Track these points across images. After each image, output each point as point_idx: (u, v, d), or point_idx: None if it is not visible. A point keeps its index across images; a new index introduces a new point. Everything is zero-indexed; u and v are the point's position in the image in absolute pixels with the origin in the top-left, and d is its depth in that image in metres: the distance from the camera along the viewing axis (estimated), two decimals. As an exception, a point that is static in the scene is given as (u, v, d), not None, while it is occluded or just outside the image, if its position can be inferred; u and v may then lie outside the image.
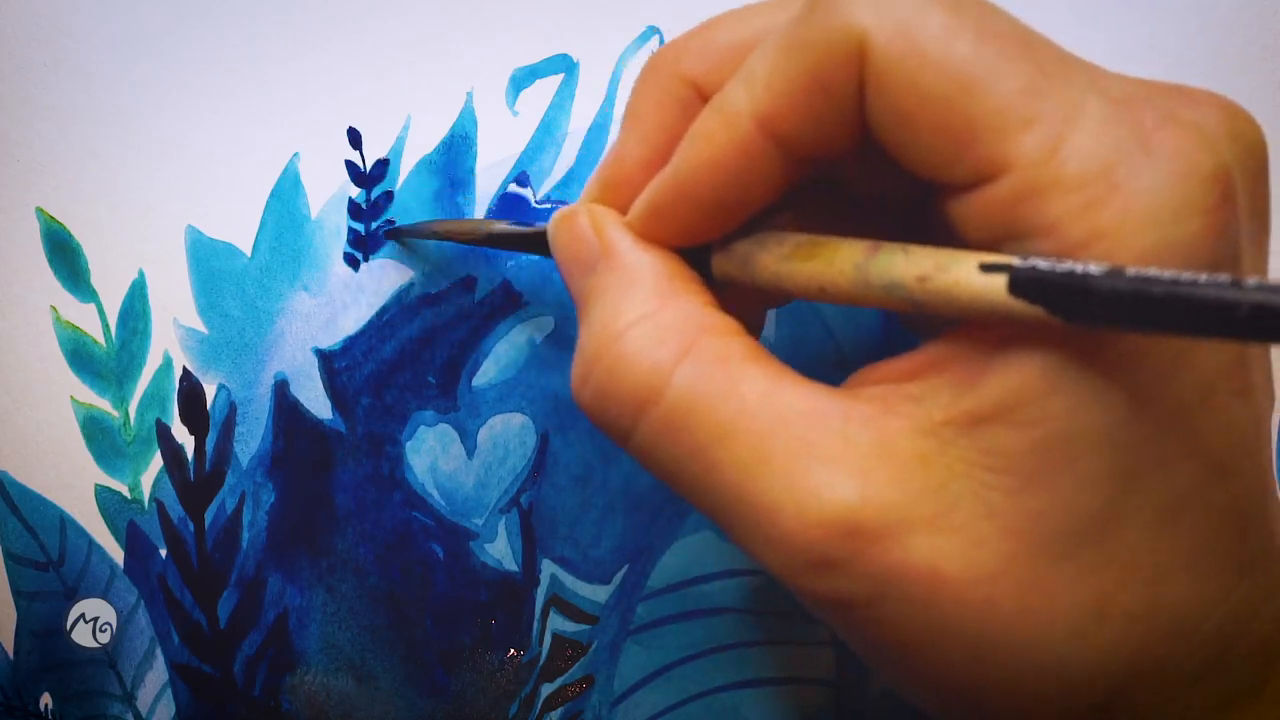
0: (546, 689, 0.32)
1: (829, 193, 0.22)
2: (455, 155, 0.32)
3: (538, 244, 0.25)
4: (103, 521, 0.32)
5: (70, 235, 0.32)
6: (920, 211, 0.20)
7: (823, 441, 0.18)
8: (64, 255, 0.32)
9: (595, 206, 0.22)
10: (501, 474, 0.32)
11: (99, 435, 0.32)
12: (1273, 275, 0.20)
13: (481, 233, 0.28)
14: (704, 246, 0.21)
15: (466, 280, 0.31)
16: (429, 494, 0.32)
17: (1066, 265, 0.16)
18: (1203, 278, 0.15)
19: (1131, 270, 0.15)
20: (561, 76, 0.31)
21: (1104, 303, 0.15)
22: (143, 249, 0.32)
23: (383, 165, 0.31)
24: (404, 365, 0.31)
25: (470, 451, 0.32)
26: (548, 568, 0.31)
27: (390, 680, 0.32)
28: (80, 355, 0.32)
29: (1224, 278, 0.14)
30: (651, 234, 0.21)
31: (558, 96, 0.31)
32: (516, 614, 0.32)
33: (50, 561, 0.32)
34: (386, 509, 0.31)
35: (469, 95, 0.31)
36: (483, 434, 0.32)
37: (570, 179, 0.32)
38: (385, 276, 0.32)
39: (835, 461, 0.18)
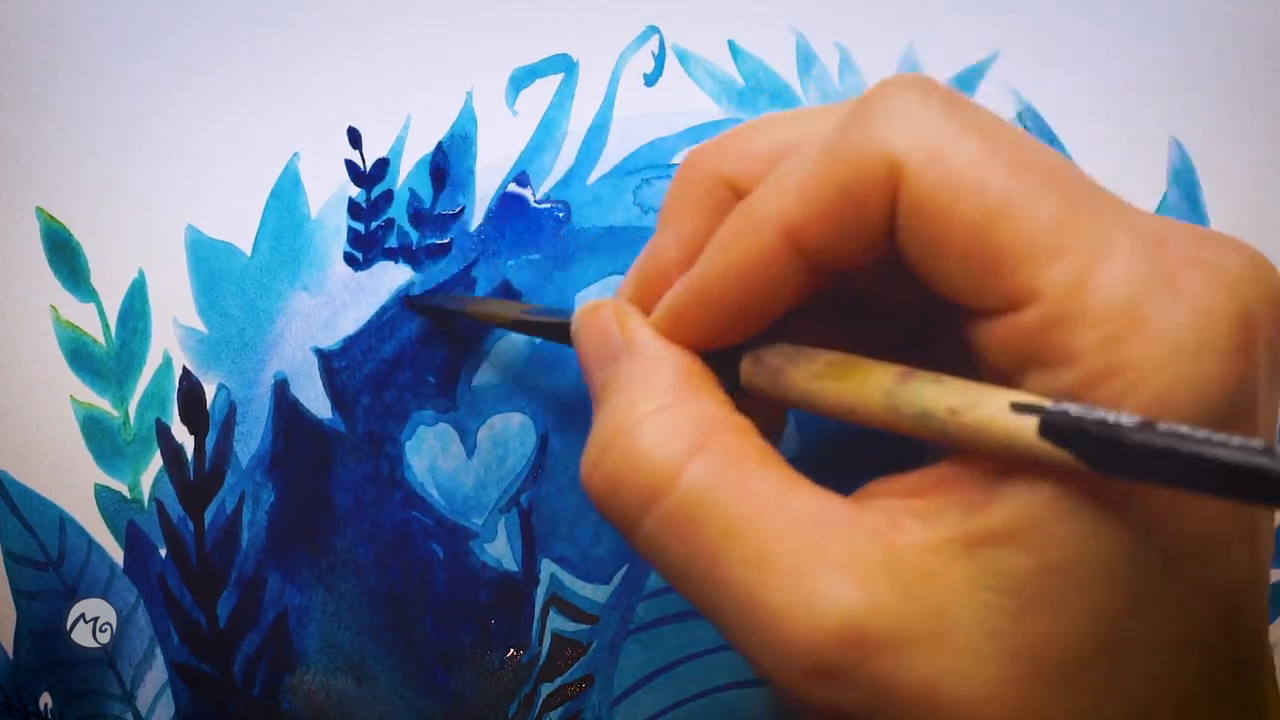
0: (546, 688, 0.32)
1: (853, 299, 0.22)
2: (455, 155, 0.32)
3: (561, 333, 0.25)
4: (102, 521, 0.32)
5: (70, 235, 0.32)
6: (943, 324, 0.20)
7: (831, 548, 0.18)
8: (64, 255, 0.32)
9: (620, 302, 0.22)
10: (501, 474, 0.32)
11: (99, 435, 0.32)
12: None
13: (506, 317, 0.27)
14: (731, 352, 0.21)
15: (466, 280, 0.31)
16: (429, 494, 0.32)
17: (1098, 414, 0.16)
18: (1235, 440, 0.15)
19: (1164, 425, 0.15)
20: (561, 76, 0.31)
21: (1134, 456, 0.15)
22: (143, 248, 0.32)
23: (383, 165, 0.32)
24: (404, 365, 0.31)
25: (470, 451, 0.32)
26: (547, 567, 0.31)
27: (390, 680, 0.32)
28: (80, 355, 0.32)
29: (1257, 442, 0.14)
30: (674, 334, 0.21)
31: (557, 96, 0.31)
32: (516, 614, 0.32)
33: (50, 561, 0.32)
34: (386, 508, 0.31)
35: (469, 95, 0.32)
36: (482, 434, 0.32)
37: (570, 179, 0.32)
38: (385, 276, 0.32)
39: (843, 569, 0.17)
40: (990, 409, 0.17)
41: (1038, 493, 0.17)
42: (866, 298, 0.22)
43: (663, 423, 0.19)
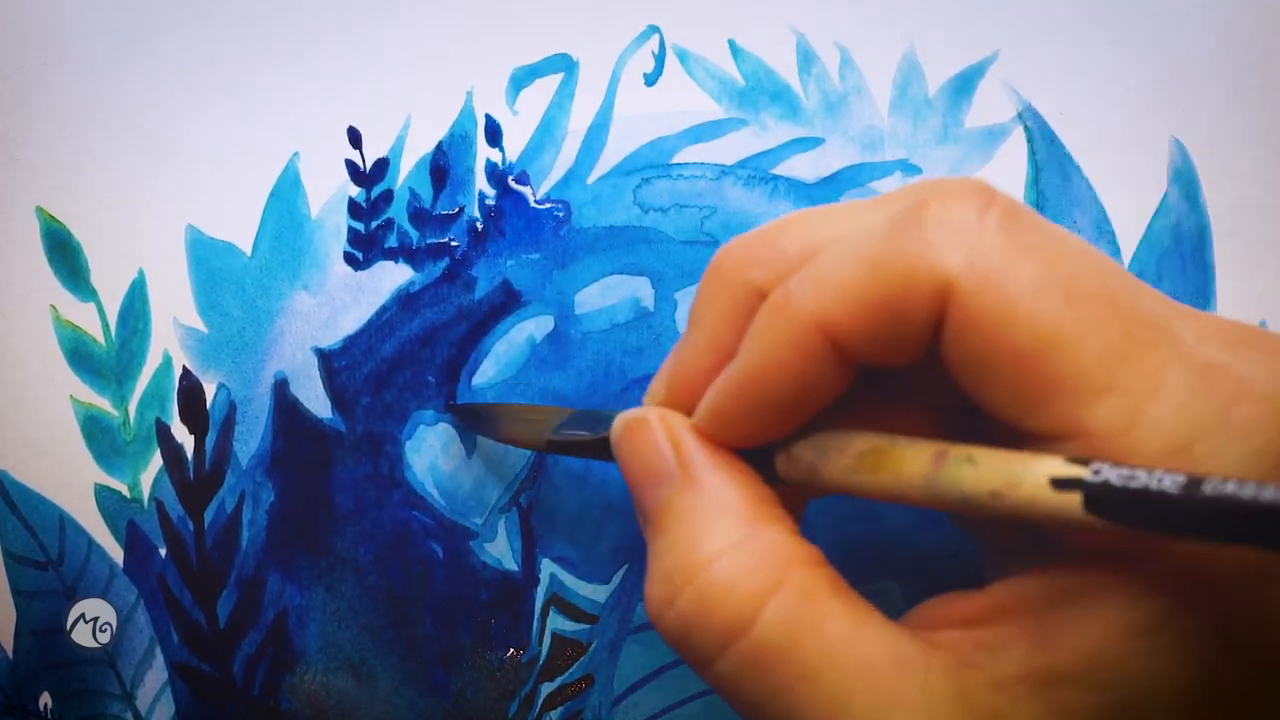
0: (546, 688, 0.32)
1: (888, 382, 0.22)
2: (455, 154, 0.32)
3: (601, 450, 0.24)
4: (102, 521, 0.32)
5: (70, 234, 0.32)
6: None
7: (905, 691, 0.18)
8: (64, 254, 0.32)
9: (669, 414, 0.22)
10: (501, 473, 0.32)
11: (99, 434, 0.32)
12: None
13: (543, 440, 0.27)
14: (765, 448, 0.21)
15: (467, 280, 0.31)
16: (428, 493, 0.32)
17: (1140, 480, 0.16)
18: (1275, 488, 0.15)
19: (1209, 486, 0.15)
20: (561, 76, 0.31)
21: (1181, 516, 0.15)
22: (142, 248, 0.32)
23: (383, 164, 0.32)
24: (404, 364, 0.31)
25: (470, 451, 0.32)
26: (547, 567, 0.31)
27: (390, 679, 0.32)
28: (80, 354, 0.32)
29: None
30: (717, 435, 0.21)
31: (558, 96, 0.31)
32: (516, 613, 0.32)
33: (50, 561, 0.32)
34: (386, 508, 0.31)
35: (469, 94, 0.32)
36: (482, 433, 0.32)
37: (570, 178, 0.32)
38: (385, 276, 0.32)
39: (915, 713, 0.17)
40: (1030, 488, 0.17)
41: (1106, 625, 0.17)
42: (902, 382, 0.22)
43: (737, 562, 0.19)
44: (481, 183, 0.32)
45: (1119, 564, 0.18)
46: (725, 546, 0.19)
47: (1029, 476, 0.17)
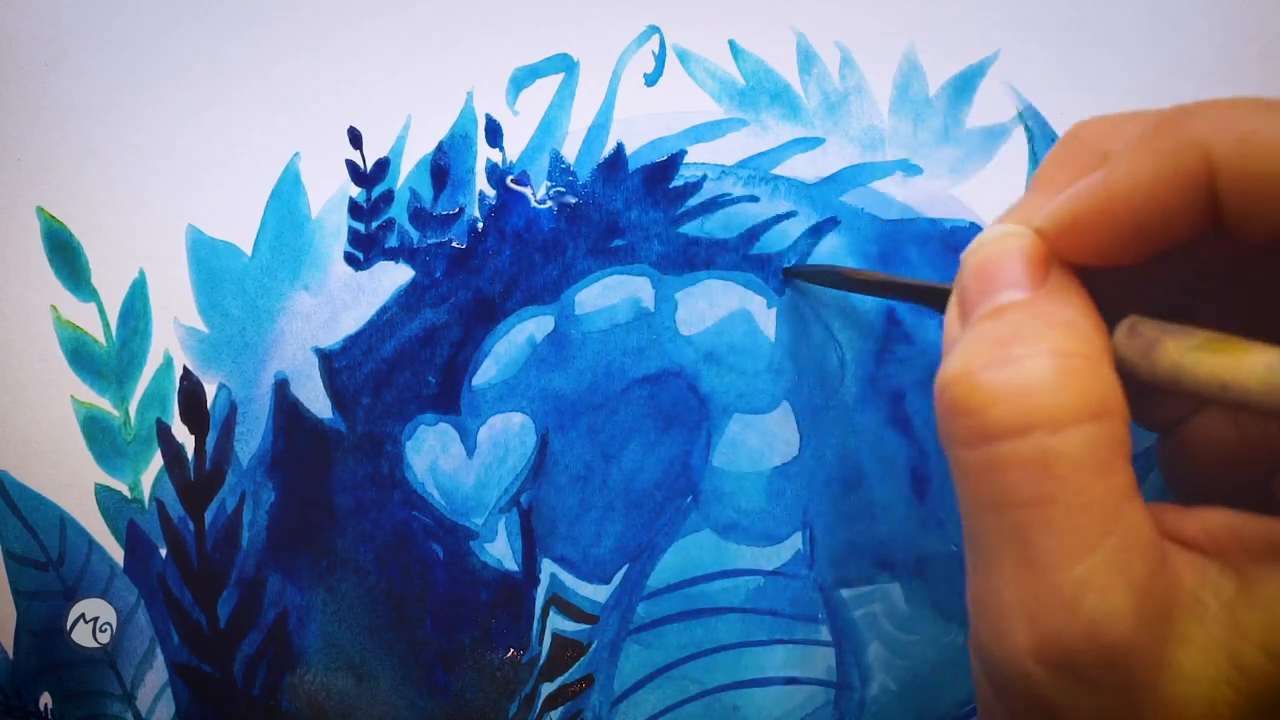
0: (546, 688, 0.32)
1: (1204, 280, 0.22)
2: (455, 155, 0.32)
3: (936, 299, 0.24)
4: (103, 521, 0.32)
5: (71, 234, 0.32)
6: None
7: (1136, 569, 0.18)
8: (64, 254, 0.32)
9: (1023, 231, 0.21)
10: (501, 474, 0.32)
11: (99, 434, 0.32)
12: None
13: (879, 280, 0.27)
14: (1109, 313, 0.21)
15: (467, 280, 0.31)
16: (429, 493, 0.31)
17: None
18: None
19: None
20: (562, 76, 0.31)
21: None
22: (143, 248, 0.32)
23: (383, 165, 0.32)
24: (404, 365, 0.31)
25: (470, 451, 0.32)
26: (548, 567, 0.31)
27: (390, 679, 0.31)
28: (80, 354, 0.32)
29: None
30: (1066, 242, 0.20)
31: (558, 96, 0.31)
32: (516, 613, 0.31)
33: (50, 561, 0.32)
34: (386, 508, 0.31)
35: (469, 95, 0.32)
36: (483, 434, 0.32)
37: (571, 178, 0.32)
38: (385, 276, 0.32)
39: (1133, 593, 0.18)
40: None
41: None
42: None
43: (1072, 369, 0.19)
44: (482, 183, 0.32)
45: None
46: (1066, 350, 0.19)
47: None
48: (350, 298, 0.32)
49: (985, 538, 0.19)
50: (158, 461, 0.32)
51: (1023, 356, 0.19)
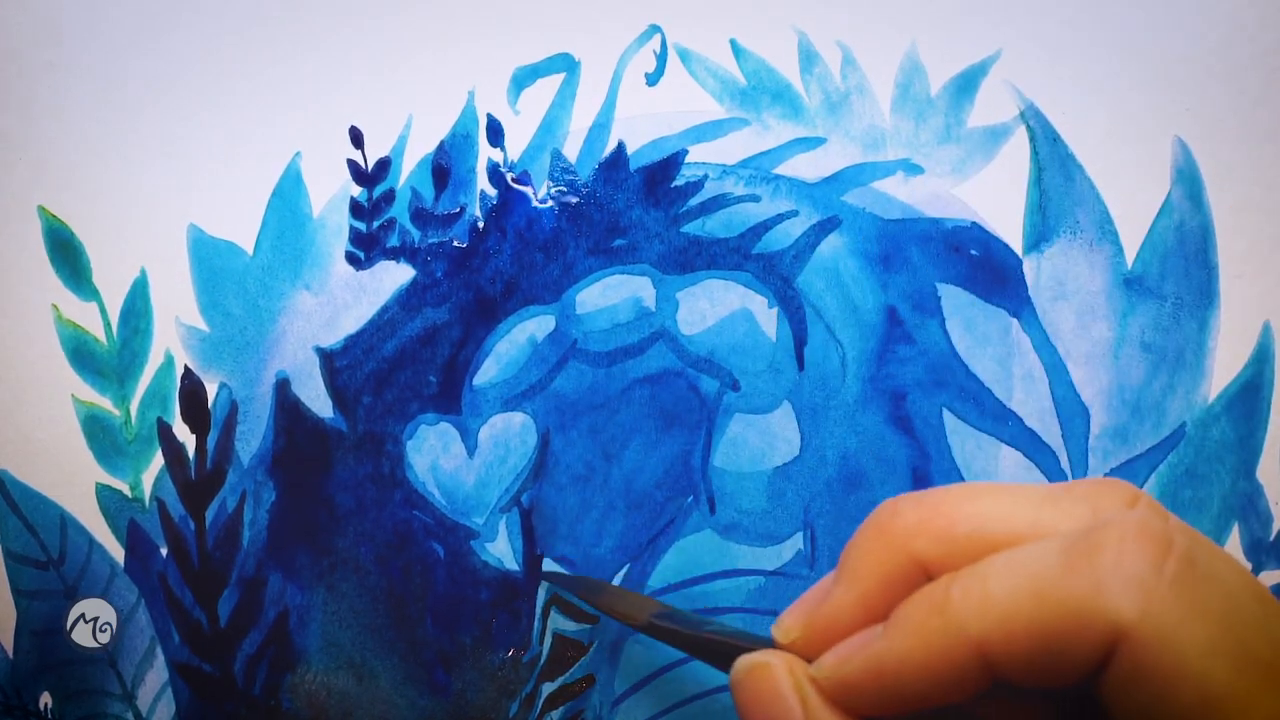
0: (547, 688, 0.31)
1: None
2: (457, 154, 0.32)
3: (708, 656, 0.24)
4: (103, 520, 0.32)
5: (72, 234, 0.32)
6: None
7: None
8: (66, 254, 0.32)
9: (795, 665, 0.22)
10: (502, 473, 0.32)
11: (100, 434, 0.32)
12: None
13: (643, 621, 0.27)
14: None
15: (468, 279, 0.31)
16: (429, 493, 0.31)
17: None
18: None
19: None
20: (563, 75, 0.31)
21: None
22: (144, 247, 0.32)
23: (384, 164, 0.32)
24: (405, 364, 0.31)
25: (471, 450, 0.32)
26: (548, 567, 0.31)
27: (391, 679, 0.31)
28: (81, 354, 0.32)
29: None
30: (839, 700, 0.21)
31: (559, 95, 0.31)
32: (517, 613, 0.31)
33: (50, 560, 0.32)
34: (387, 508, 0.31)
35: (470, 94, 0.32)
36: (483, 433, 0.32)
37: (572, 178, 0.32)
38: (387, 275, 0.32)
39: None
40: None
41: None
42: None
43: None
44: (483, 182, 0.32)
45: None
46: None
47: None
48: (351, 297, 0.32)
49: None
50: (158, 461, 0.32)
51: None
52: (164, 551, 0.32)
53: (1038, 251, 0.31)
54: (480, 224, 0.32)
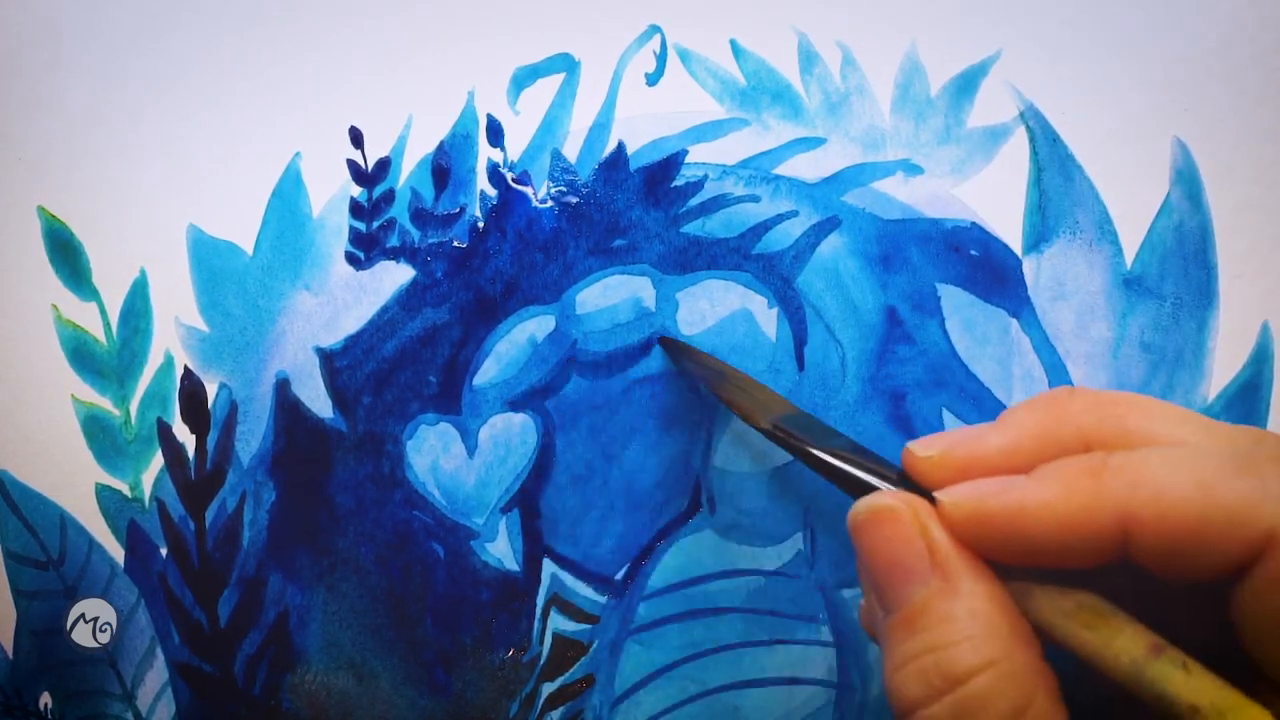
0: (547, 688, 0.31)
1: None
2: (457, 154, 0.32)
3: (826, 473, 0.24)
4: (103, 520, 0.32)
5: (72, 234, 0.32)
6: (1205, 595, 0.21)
7: None
8: (65, 254, 0.32)
9: (918, 506, 0.22)
10: (502, 473, 0.32)
11: (100, 434, 0.32)
12: None
13: (763, 424, 0.26)
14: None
15: (468, 280, 0.31)
16: (430, 493, 0.31)
17: None
18: None
19: None
20: (563, 76, 0.31)
21: None
22: (144, 248, 0.32)
23: (384, 164, 0.32)
24: (405, 364, 0.31)
25: (471, 451, 0.32)
26: (548, 567, 0.31)
27: (391, 679, 0.31)
28: (81, 354, 0.32)
29: None
30: (966, 535, 0.21)
31: (559, 96, 0.31)
32: (517, 613, 0.31)
33: (50, 560, 0.32)
34: (387, 508, 0.31)
35: (470, 94, 0.32)
36: (484, 433, 0.32)
37: (572, 178, 0.32)
38: (387, 276, 0.32)
39: None
40: None
41: None
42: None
43: (994, 683, 0.20)
44: (483, 182, 0.32)
45: None
46: (984, 663, 0.20)
47: (1238, 713, 0.17)
48: (351, 297, 0.32)
49: None
50: (158, 461, 0.32)
51: (946, 690, 0.20)
52: (164, 552, 0.32)
53: (1037, 252, 0.31)
54: (480, 224, 0.32)
